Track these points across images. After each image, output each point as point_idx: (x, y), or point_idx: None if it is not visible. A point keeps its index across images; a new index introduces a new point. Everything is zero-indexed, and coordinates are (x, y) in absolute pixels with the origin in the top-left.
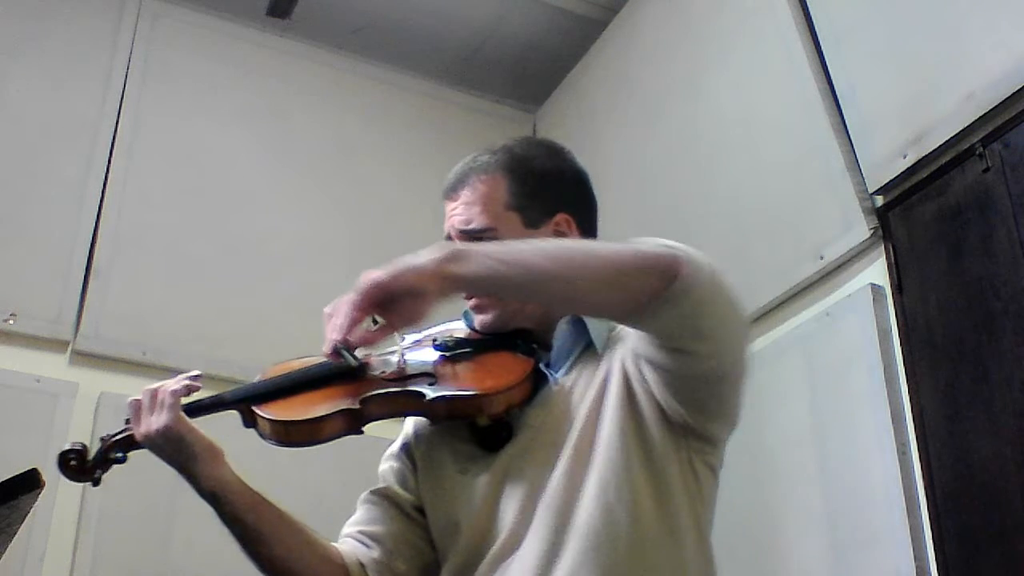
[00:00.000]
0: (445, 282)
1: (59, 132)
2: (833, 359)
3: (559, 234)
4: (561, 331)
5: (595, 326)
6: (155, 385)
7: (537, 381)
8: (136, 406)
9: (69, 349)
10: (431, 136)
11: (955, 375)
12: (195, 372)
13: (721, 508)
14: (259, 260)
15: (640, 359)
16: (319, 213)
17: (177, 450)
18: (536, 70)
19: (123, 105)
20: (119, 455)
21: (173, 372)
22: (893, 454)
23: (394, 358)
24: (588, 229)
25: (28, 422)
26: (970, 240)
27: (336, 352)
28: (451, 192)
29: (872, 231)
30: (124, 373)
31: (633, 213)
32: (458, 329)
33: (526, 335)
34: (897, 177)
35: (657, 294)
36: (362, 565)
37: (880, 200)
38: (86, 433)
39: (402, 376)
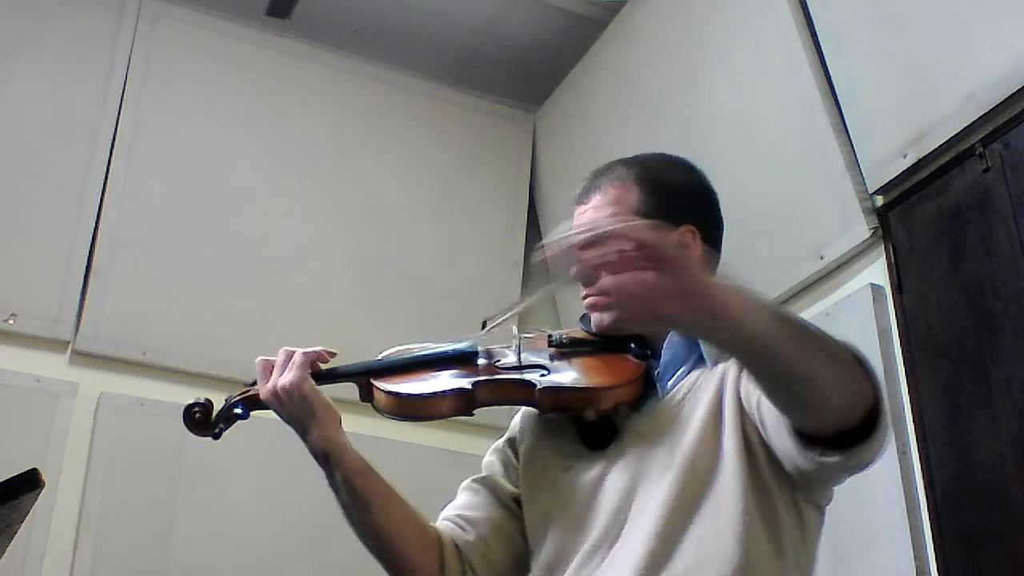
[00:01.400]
0: (682, 291)
1: (59, 132)
2: None
3: (683, 244)
4: (672, 341)
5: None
6: (286, 349)
7: (646, 387)
8: (267, 364)
9: (69, 349)
10: (431, 136)
11: (955, 375)
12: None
13: None
14: (259, 260)
15: (772, 437)
16: (319, 213)
17: (299, 408)
18: (536, 70)
19: (123, 105)
20: (241, 412)
21: (173, 372)
22: (893, 454)
23: (510, 349)
24: (713, 244)
25: (28, 422)
26: (970, 240)
27: (560, 255)
28: (582, 198)
29: (872, 231)
30: (124, 373)
31: None
32: (575, 330)
33: (640, 340)
34: (897, 177)
35: (848, 419)
36: (457, 547)
37: (880, 200)
38: (86, 433)
39: (516, 366)
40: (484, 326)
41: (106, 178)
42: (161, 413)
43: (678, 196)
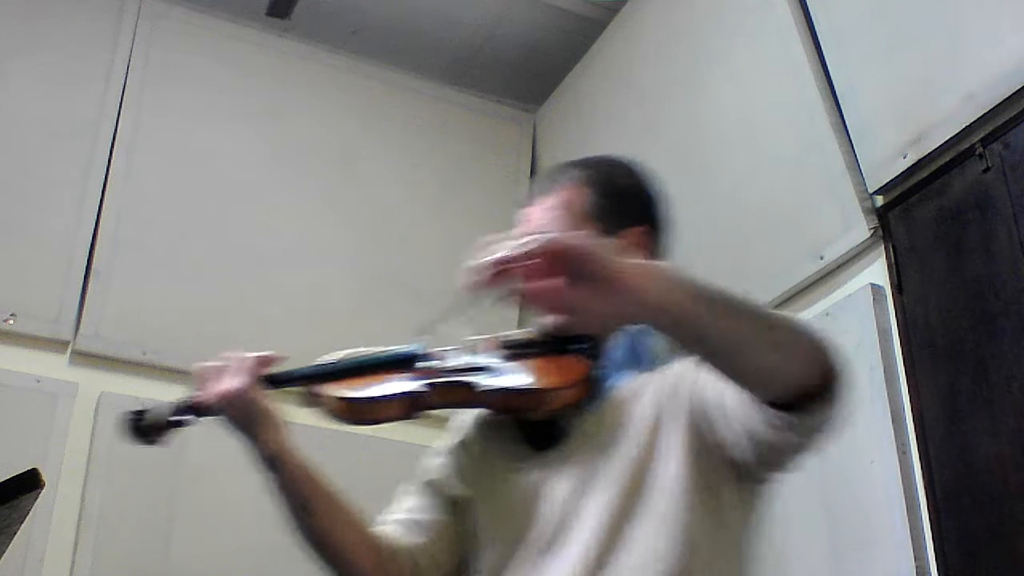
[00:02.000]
0: (638, 309)
1: (59, 132)
2: None
3: (632, 246)
4: (620, 343)
5: (655, 341)
6: (228, 354)
7: (594, 384)
8: (213, 369)
9: (69, 349)
10: (431, 136)
11: (955, 375)
12: (271, 352)
13: None
14: (259, 260)
15: (732, 417)
16: (319, 213)
17: (245, 413)
18: (536, 70)
19: (123, 105)
20: (185, 418)
21: (173, 372)
22: (893, 454)
23: (459, 351)
24: (660, 246)
25: (28, 422)
26: (970, 240)
27: (485, 275)
28: (534, 197)
29: (872, 231)
30: (124, 373)
31: None
32: (525, 331)
33: (588, 339)
34: (897, 177)
35: (811, 389)
36: (402, 550)
37: (880, 200)
38: (86, 433)
39: (464, 368)
40: (428, 329)
41: (106, 178)
42: None
43: (629, 199)
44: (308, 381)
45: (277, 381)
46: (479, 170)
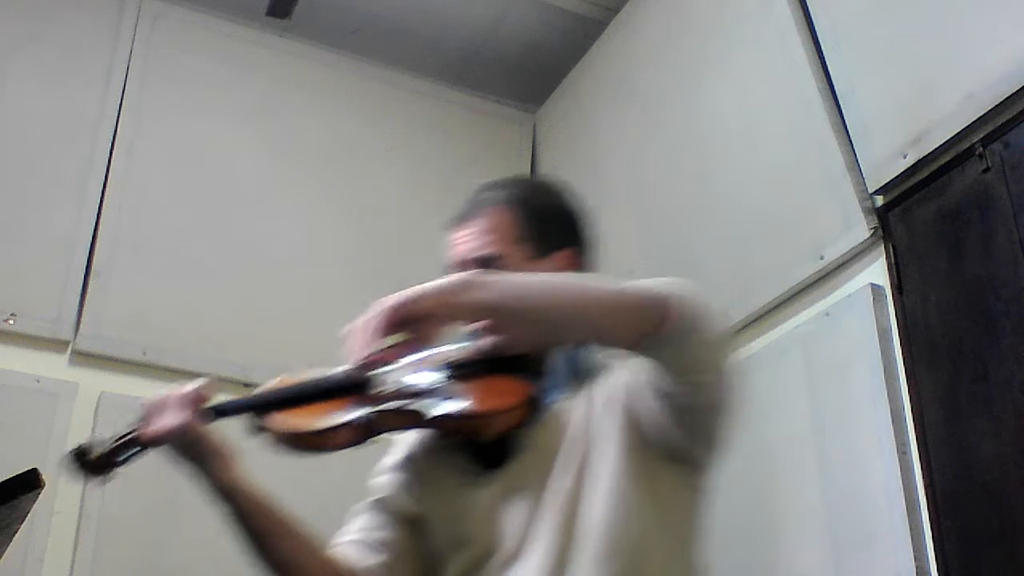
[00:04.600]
0: (459, 308)
1: (59, 132)
2: (833, 359)
3: (562, 268)
4: (558, 357)
5: (591, 356)
6: (170, 390)
7: (536, 403)
8: (152, 407)
9: (69, 349)
10: (431, 136)
11: (955, 375)
12: (207, 381)
13: (720, 508)
14: (259, 260)
15: (648, 387)
16: (319, 213)
17: (192, 450)
18: (536, 70)
19: (123, 105)
20: (129, 454)
21: (173, 372)
22: (893, 454)
23: (403, 375)
24: (589, 265)
25: (28, 422)
26: (970, 240)
27: (362, 367)
28: (462, 221)
29: (872, 231)
30: (124, 373)
31: (633, 213)
32: (466, 348)
33: (527, 359)
34: (897, 177)
35: (648, 334)
36: (363, 572)
37: (880, 200)
38: (86, 434)
39: (409, 393)
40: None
41: (106, 178)
42: None
43: (555, 220)
44: (253, 411)
45: (221, 412)
46: (479, 170)
